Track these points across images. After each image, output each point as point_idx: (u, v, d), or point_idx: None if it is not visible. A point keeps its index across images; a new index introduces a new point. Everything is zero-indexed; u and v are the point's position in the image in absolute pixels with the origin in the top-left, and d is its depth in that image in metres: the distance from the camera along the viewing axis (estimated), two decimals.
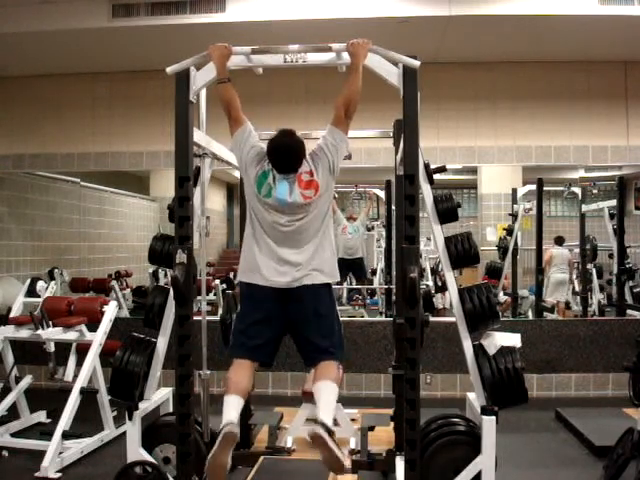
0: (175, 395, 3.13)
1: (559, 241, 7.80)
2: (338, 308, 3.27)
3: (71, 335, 4.77)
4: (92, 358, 4.61)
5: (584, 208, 7.25)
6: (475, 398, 3.43)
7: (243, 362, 3.04)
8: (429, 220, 3.53)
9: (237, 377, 2.99)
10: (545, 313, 6.92)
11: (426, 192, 3.45)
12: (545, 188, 6.86)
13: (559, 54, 6.03)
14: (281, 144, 3.02)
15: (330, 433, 2.71)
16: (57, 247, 7.57)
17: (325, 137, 3.06)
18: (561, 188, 7.79)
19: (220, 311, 4.76)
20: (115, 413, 4.83)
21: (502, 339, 3.40)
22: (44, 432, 4.46)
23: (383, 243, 7.79)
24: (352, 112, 3.02)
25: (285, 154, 3.00)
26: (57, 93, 6.64)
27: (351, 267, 8.00)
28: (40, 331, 4.65)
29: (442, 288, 7.27)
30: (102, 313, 4.84)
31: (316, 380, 2.98)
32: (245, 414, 4.43)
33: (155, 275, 7.45)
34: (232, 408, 2.85)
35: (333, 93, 3.06)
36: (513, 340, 3.42)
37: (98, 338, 4.69)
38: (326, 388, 2.93)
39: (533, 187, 6.85)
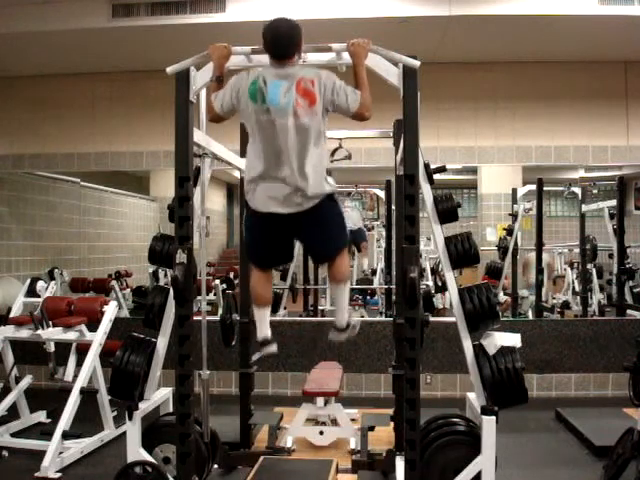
0: (175, 395, 3.13)
1: None
2: None
3: (71, 335, 4.77)
4: (92, 358, 4.62)
5: (584, 208, 7.25)
6: (475, 398, 3.43)
7: (261, 271, 3.27)
8: (429, 220, 3.53)
9: (260, 290, 3.29)
10: (545, 313, 6.92)
11: (426, 192, 3.45)
12: (545, 188, 6.85)
13: (559, 54, 6.04)
14: (276, 25, 2.91)
15: (347, 328, 3.28)
16: (57, 247, 7.57)
17: (345, 86, 2.94)
18: (561, 188, 7.79)
19: (220, 311, 4.76)
20: (115, 413, 4.83)
21: (502, 339, 3.40)
22: (44, 432, 4.45)
23: (383, 243, 7.78)
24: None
25: (280, 34, 2.89)
26: (57, 93, 6.64)
27: (351, 236, 7.98)
28: (40, 331, 4.65)
29: (442, 288, 7.27)
30: (102, 313, 4.85)
31: (330, 278, 3.30)
32: (245, 414, 4.44)
33: (155, 275, 7.44)
34: (263, 322, 3.30)
35: None
36: (513, 340, 3.42)
37: (98, 338, 4.69)
38: (337, 290, 3.28)
39: (533, 187, 6.84)
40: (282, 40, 2.90)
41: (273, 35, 2.90)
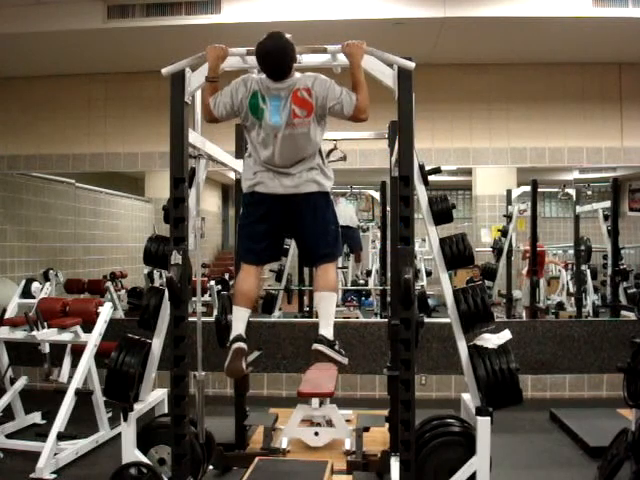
0: (170, 396, 3.13)
1: None
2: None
3: (66, 336, 4.76)
4: (87, 359, 4.61)
5: (578, 209, 7.27)
6: (470, 399, 3.44)
7: (250, 268, 3.20)
8: (424, 221, 3.54)
9: (245, 288, 3.19)
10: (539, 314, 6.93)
11: (421, 193, 3.46)
12: (539, 189, 6.86)
13: (553, 56, 6.05)
14: (268, 48, 2.92)
15: (331, 345, 3.00)
16: (52, 248, 7.55)
17: (339, 90, 3.00)
18: (555, 189, 7.82)
19: (215, 312, 4.76)
20: (110, 414, 4.83)
21: (496, 339, 3.43)
22: (39, 433, 4.46)
23: (378, 244, 7.78)
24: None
25: (273, 59, 2.91)
26: (52, 94, 6.63)
27: (344, 236, 7.94)
28: (35, 332, 4.63)
29: None
30: (97, 314, 4.83)
31: (316, 288, 3.17)
32: (240, 415, 4.44)
33: (150, 276, 7.43)
34: (240, 321, 3.11)
35: None
36: (504, 336, 3.44)
37: (93, 339, 4.69)
38: (325, 299, 3.10)
39: (527, 188, 6.85)
40: (276, 63, 2.93)
41: (267, 59, 2.93)
